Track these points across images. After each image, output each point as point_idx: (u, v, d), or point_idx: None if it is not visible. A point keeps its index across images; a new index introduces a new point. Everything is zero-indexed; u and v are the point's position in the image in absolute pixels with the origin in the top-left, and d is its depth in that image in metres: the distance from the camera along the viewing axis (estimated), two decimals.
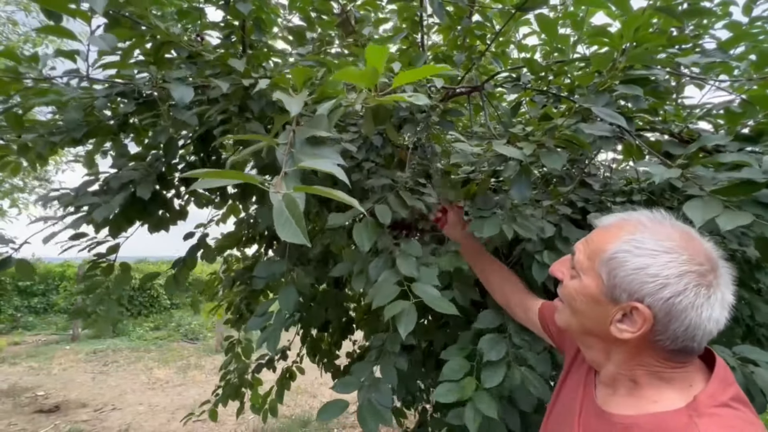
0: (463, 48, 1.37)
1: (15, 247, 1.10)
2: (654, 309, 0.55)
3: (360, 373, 1.18)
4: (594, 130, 0.84)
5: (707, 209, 0.74)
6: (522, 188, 0.94)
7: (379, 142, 1.30)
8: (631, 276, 0.57)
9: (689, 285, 0.54)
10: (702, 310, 0.54)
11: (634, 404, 0.60)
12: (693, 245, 0.57)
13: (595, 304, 0.62)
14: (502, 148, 0.88)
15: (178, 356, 6.96)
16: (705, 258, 0.56)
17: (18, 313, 8.88)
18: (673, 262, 0.55)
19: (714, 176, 0.82)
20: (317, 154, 0.62)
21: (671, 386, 0.58)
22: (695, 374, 0.59)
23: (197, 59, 1.30)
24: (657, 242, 0.57)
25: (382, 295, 0.94)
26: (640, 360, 0.60)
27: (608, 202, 1.49)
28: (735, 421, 0.52)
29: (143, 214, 1.50)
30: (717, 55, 0.92)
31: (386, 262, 1.06)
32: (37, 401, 4.84)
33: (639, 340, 0.58)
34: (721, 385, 0.56)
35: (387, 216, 1.02)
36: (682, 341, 0.56)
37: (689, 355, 0.58)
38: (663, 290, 0.54)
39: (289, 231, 0.51)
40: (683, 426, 0.52)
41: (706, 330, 0.55)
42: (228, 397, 2.18)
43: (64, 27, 0.93)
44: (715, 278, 0.56)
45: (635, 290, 0.56)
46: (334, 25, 1.44)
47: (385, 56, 0.55)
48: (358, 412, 1.09)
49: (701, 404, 0.53)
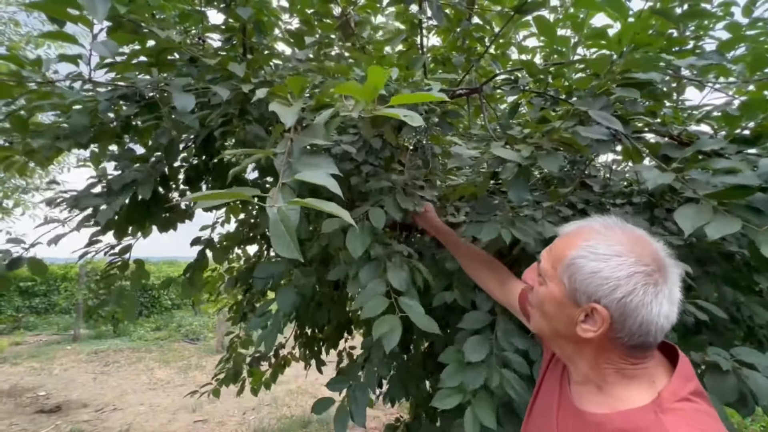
0: (462, 50, 1.38)
1: (26, 247, 1.11)
2: (610, 309, 0.59)
3: (351, 374, 1.25)
4: (591, 133, 0.84)
5: (698, 216, 0.75)
6: (520, 190, 0.94)
7: (378, 144, 1.31)
8: (588, 279, 0.61)
9: (638, 284, 0.58)
10: (651, 306, 0.58)
11: (605, 402, 0.64)
12: (640, 248, 0.61)
13: (561, 308, 0.66)
14: (500, 151, 0.88)
15: (178, 356, 6.98)
16: (651, 259, 0.60)
17: (19, 313, 8.91)
18: (622, 265, 0.59)
19: (709, 180, 0.83)
20: (314, 163, 0.62)
21: (636, 383, 0.62)
22: (657, 370, 0.63)
23: (198, 62, 1.31)
24: (608, 247, 0.61)
25: (370, 306, 0.99)
26: (606, 358, 0.64)
27: (608, 203, 1.49)
28: (694, 413, 0.57)
29: (147, 215, 1.52)
30: (713, 57, 0.92)
31: (377, 269, 1.08)
32: (38, 401, 4.86)
33: (601, 338, 0.62)
34: (682, 381, 0.60)
35: (381, 220, 1.03)
36: (639, 337, 0.60)
37: (647, 350, 0.63)
38: (616, 291, 0.59)
39: (283, 245, 0.52)
40: (650, 422, 0.56)
41: (658, 325, 0.59)
42: (229, 380, 2.28)
43: (66, 32, 0.94)
44: (661, 277, 0.60)
45: (592, 292, 0.61)
46: (334, 27, 1.44)
47: (386, 78, 0.56)
48: (336, 412, 1.16)
49: (665, 400, 0.58)
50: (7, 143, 1.41)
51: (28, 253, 1.12)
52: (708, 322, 1.47)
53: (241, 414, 4.57)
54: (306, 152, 0.65)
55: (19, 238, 1.10)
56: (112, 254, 1.53)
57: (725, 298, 1.52)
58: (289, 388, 5.27)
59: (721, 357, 1.14)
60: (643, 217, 1.39)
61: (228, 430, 4.20)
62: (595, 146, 0.96)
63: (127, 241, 1.55)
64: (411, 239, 1.71)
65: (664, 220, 1.48)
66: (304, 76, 0.67)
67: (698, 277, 1.52)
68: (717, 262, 1.55)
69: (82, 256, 1.31)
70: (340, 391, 1.23)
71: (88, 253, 1.35)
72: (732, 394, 1.07)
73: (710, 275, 1.53)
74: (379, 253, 1.14)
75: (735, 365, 1.10)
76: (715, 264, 1.54)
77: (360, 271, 1.11)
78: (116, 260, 1.56)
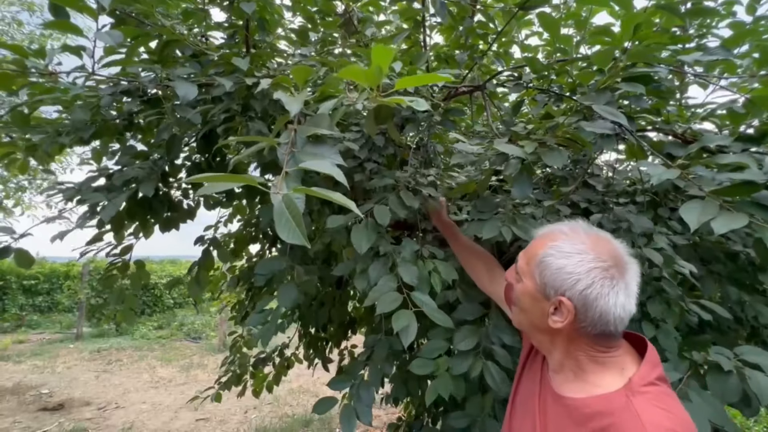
0: (466, 47, 1.37)
1: (15, 237, 1.11)
2: (573, 301, 0.67)
3: (353, 373, 1.25)
4: (595, 128, 0.83)
5: (704, 212, 0.74)
6: (523, 186, 0.94)
7: (381, 142, 1.30)
8: (554, 275, 0.69)
9: (596, 278, 0.66)
10: (609, 298, 0.66)
11: (581, 388, 0.70)
12: (600, 246, 0.69)
13: (534, 302, 0.74)
14: (504, 147, 0.88)
15: (180, 355, 6.99)
16: (609, 256, 0.68)
17: (23, 311, 8.94)
18: (582, 261, 0.67)
19: (714, 177, 0.82)
20: (318, 153, 0.62)
21: (608, 370, 0.69)
22: (625, 358, 0.71)
23: (201, 58, 1.31)
24: (572, 246, 0.70)
25: (384, 301, 0.99)
26: (576, 346, 0.72)
27: (611, 202, 1.49)
28: (659, 395, 0.64)
29: (148, 212, 1.51)
30: (719, 53, 0.92)
31: (386, 265, 1.08)
32: (41, 399, 4.88)
33: (569, 328, 0.70)
34: (649, 367, 0.67)
35: (386, 217, 1.03)
36: (600, 326, 0.67)
37: (611, 338, 0.70)
38: (577, 284, 0.67)
39: (288, 231, 0.52)
40: (622, 404, 0.63)
41: (616, 314, 0.66)
42: (231, 382, 2.27)
43: (71, 23, 0.94)
44: (617, 272, 0.67)
45: (558, 286, 0.69)
46: (337, 25, 1.44)
47: (391, 57, 0.55)
48: (341, 411, 1.15)
49: (634, 384, 0.65)
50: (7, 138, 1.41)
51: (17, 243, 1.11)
52: (712, 322, 1.46)
53: (243, 413, 4.57)
54: (310, 142, 0.65)
55: (8, 227, 1.10)
56: (112, 254, 1.52)
57: (730, 298, 1.51)
58: (291, 387, 5.28)
59: (723, 356, 1.13)
60: (646, 216, 1.39)
61: (229, 429, 4.20)
62: (600, 142, 0.95)
63: (128, 241, 1.54)
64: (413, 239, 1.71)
65: (668, 219, 1.47)
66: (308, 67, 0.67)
67: (702, 276, 1.51)
68: (721, 261, 1.54)
69: (83, 254, 1.31)
70: (341, 391, 1.23)
71: (89, 252, 1.34)
72: (734, 395, 1.06)
73: (714, 274, 1.52)
74: (388, 249, 1.14)
75: (738, 365, 1.09)
76: (720, 263, 1.53)
77: (369, 267, 1.12)
78: (117, 261, 1.55)
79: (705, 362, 1.17)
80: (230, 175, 0.52)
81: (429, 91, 1.21)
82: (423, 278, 1.06)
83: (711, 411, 1.05)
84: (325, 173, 0.55)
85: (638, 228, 1.33)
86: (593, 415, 0.64)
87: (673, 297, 1.32)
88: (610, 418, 0.62)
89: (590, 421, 0.64)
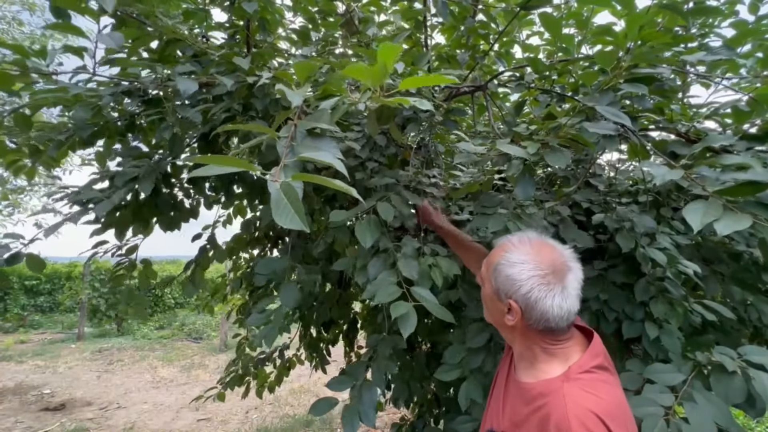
0: (467, 47, 1.37)
1: (24, 243, 1.11)
2: (519, 303, 0.78)
3: (354, 373, 1.23)
4: (598, 128, 0.83)
5: (707, 213, 0.74)
6: (526, 187, 0.94)
7: (383, 141, 1.30)
8: (504, 281, 0.80)
9: (534, 284, 0.77)
10: (546, 300, 0.76)
11: (533, 375, 0.81)
12: (541, 256, 0.79)
13: (493, 303, 0.85)
14: (507, 147, 0.87)
15: (182, 355, 7.00)
16: (547, 264, 0.78)
17: (25, 311, 8.96)
18: (523, 270, 0.78)
19: (718, 177, 0.81)
20: (317, 146, 0.62)
21: (556, 359, 0.79)
22: (573, 349, 0.80)
23: (202, 58, 1.31)
24: (517, 256, 0.80)
25: (383, 293, 0.97)
26: (530, 340, 0.82)
27: (613, 202, 1.48)
28: (591, 381, 0.73)
29: (154, 212, 1.52)
30: (723, 52, 0.91)
31: (386, 261, 1.07)
32: (43, 399, 4.88)
33: (520, 325, 0.81)
34: (589, 357, 0.77)
35: (390, 213, 1.02)
36: (542, 323, 0.77)
37: (556, 333, 0.79)
38: (520, 289, 0.78)
39: (287, 217, 0.51)
40: (556, 387, 0.73)
41: (554, 314, 0.76)
42: (234, 383, 2.27)
43: (72, 24, 0.94)
44: (554, 278, 0.77)
45: (507, 290, 0.80)
46: (338, 25, 1.44)
47: (397, 55, 0.54)
48: (344, 411, 1.13)
49: (571, 371, 0.75)
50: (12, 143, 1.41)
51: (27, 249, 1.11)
52: (715, 323, 1.45)
53: (244, 413, 4.57)
54: (309, 136, 0.64)
55: (17, 233, 1.10)
56: (119, 255, 1.53)
57: (733, 298, 1.50)
58: (292, 387, 5.28)
59: (727, 357, 1.12)
60: (649, 216, 1.38)
61: (231, 429, 4.20)
62: (602, 142, 0.94)
63: (134, 241, 1.55)
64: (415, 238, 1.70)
65: (670, 219, 1.47)
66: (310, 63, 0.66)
67: (706, 276, 1.50)
68: (724, 261, 1.53)
69: (91, 257, 1.31)
70: (341, 391, 1.20)
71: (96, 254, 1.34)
72: (739, 396, 1.06)
73: (717, 274, 1.51)
74: (388, 246, 1.14)
75: (742, 365, 1.08)
76: (723, 263, 1.53)
77: (369, 263, 1.10)
78: (124, 261, 1.56)
79: (709, 363, 1.16)
80: (229, 158, 0.51)
81: (430, 92, 1.21)
82: (423, 273, 1.05)
83: (716, 412, 1.04)
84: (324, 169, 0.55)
85: (641, 227, 1.32)
86: (536, 396, 0.75)
87: (676, 297, 1.31)
88: (545, 399, 0.73)
89: (533, 401, 0.75)
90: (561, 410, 0.69)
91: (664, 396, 1.10)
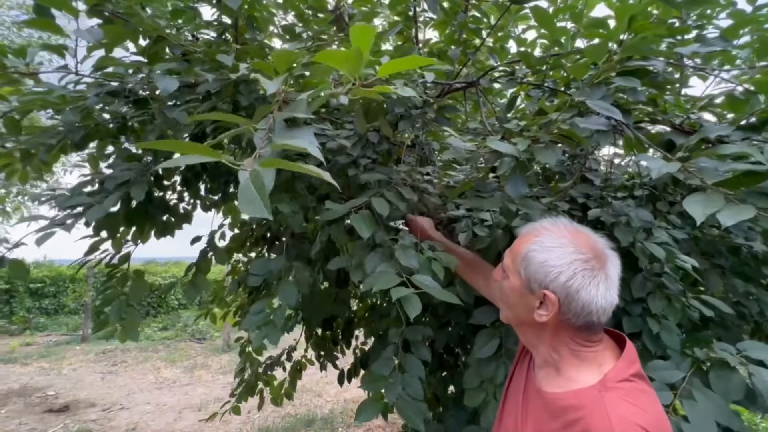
0: (459, 43, 1.35)
1: (8, 247, 1.10)
2: (557, 293, 0.69)
3: (382, 370, 1.14)
4: (589, 124, 0.81)
5: (708, 204, 0.72)
6: (518, 184, 0.92)
7: (375, 138, 1.29)
8: (538, 269, 0.71)
9: (577, 270, 0.68)
10: (590, 288, 0.67)
11: (560, 384, 0.72)
12: (579, 239, 0.71)
13: (520, 297, 0.75)
14: (496, 144, 0.86)
15: (185, 356, 7.02)
16: (588, 248, 0.70)
17: (30, 314, 9.01)
18: (563, 254, 0.69)
19: (716, 168, 0.79)
20: (294, 135, 0.60)
21: (586, 366, 0.71)
22: (604, 354, 0.72)
23: (190, 57, 1.29)
24: (553, 240, 0.72)
25: (382, 281, 0.93)
26: (560, 340, 0.73)
27: (609, 197, 1.46)
28: (631, 391, 0.65)
29: (146, 218, 1.49)
30: (718, 43, 0.89)
31: (384, 255, 1.05)
32: (47, 401, 4.91)
33: (554, 321, 0.71)
34: (626, 365, 0.69)
35: (385, 208, 1.00)
36: (583, 317, 0.68)
37: (594, 330, 0.71)
38: (560, 276, 0.68)
39: (252, 206, 0.49)
40: (594, 398, 0.64)
41: (598, 304, 0.67)
42: (246, 394, 2.25)
43: (51, 21, 0.93)
44: (597, 263, 0.69)
45: (542, 280, 0.70)
46: (328, 21, 1.42)
47: (371, 36, 0.52)
48: (399, 409, 1.06)
49: (608, 380, 0.66)
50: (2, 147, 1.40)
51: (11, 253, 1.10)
52: (716, 318, 1.43)
53: (246, 413, 4.58)
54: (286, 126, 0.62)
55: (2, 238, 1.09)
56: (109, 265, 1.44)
57: (736, 291, 1.48)
58: None
59: (727, 353, 1.11)
60: (645, 210, 1.36)
61: (233, 429, 4.22)
62: (596, 137, 0.93)
63: (127, 249, 1.48)
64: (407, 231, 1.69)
65: (667, 213, 1.45)
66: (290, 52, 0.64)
67: (706, 270, 1.49)
68: (724, 254, 1.51)
69: (83, 264, 1.29)
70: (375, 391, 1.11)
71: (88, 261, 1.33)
72: (739, 392, 1.04)
73: (717, 268, 1.49)
74: (385, 240, 1.10)
75: (742, 360, 1.06)
76: (722, 257, 1.51)
77: (366, 258, 1.07)
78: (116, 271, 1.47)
79: (708, 359, 1.15)
80: (195, 145, 0.49)
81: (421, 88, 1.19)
82: (423, 264, 1.00)
83: (716, 410, 1.03)
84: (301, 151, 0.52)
85: (638, 222, 1.31)
86: (567, 409, 0.66)
87: (674, 292, 1.29)
88: (580, 411, 0.64)
89: (564, 414, 0.66)
90: (603, 425, 0.60)
91: (662, 394, 1.08)
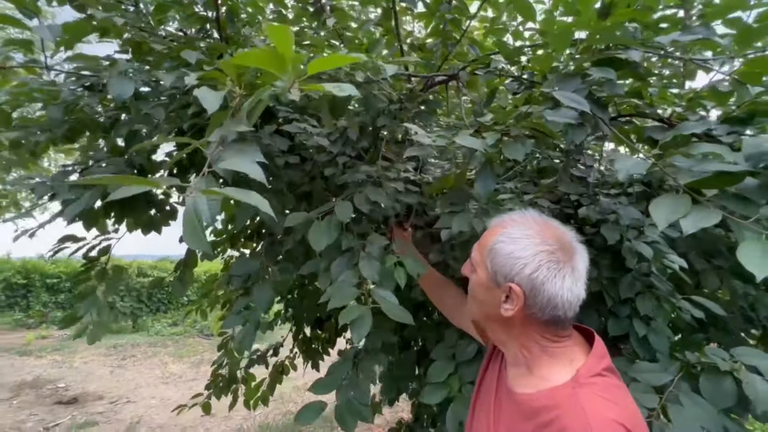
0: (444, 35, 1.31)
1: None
2: (522, 286, 0.66)
3: (339, 373, 1.16)
4: (558, 116, 0.77)
5: (673, 208, 0.68)
6: (486, 181, 0.88)
7: (353, 135, 1.26)
8: (503, 260, 0.69)
9: (542, 261, 0.66)
10: (555, 281, 0.65)
11: (533, 383, 0.69)
12: (547, 231, 0.69)
13: (487, 291, 0.73)
14: (463, 139, 0.83)
15: (192, 351, 7.13)
16: (555, 240, 0.68)
17: (46, 308, 9.27)
18: (529, 245, 0.67)
19: (692, 167, 0.75)
20: (241, 150, 0.59)
21: (557, 362, 0.69)
22: (575, 349, 0.70)
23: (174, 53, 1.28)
24: (520, 231, 0.70)
25: (339, 295, 0.93)
26: (528, 335, 0.71)
27: (602, 194, 1.41)
28: (605, 386, 0.64)
29: (128, 210, 1.48)
30: (701, 31, 0.84)
31: (349, 261, 1.03)
32: (57, 393, 5.04)
33: (520, 316, 0.69)
34: (596, 359, 0.67)
35: (347, 214, 0.99)
36: (549, 311, 0.66)
37: (561, 325, 0.69)
38: (525, 269, 0.66)
39: (192, 236, 0.49)
40: (568, 396, 0.62)
41: (564, 298, 0.65)
42: (220, 391, 2.15)
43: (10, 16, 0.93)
44: (563, 255, 0.67)
45: (507, 272, 0.68)
46: (309, 14, 1.40)
47: (289, 36, 0.50)
48: (337, 411, 1.07)
49: (581, 376, 0.64)
50: None
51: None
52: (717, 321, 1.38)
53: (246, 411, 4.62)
54: (236, 140, 0.61)
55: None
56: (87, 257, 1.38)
57: (736, 292, 1.42)
58: (296, 384, 5.30)
59: (719, 358, 1.06)
60: (638, 208, 1.31)
61: (234, 425, 4.26)
62: (571, 132, 0.89)
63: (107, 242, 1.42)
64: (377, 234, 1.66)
65: None
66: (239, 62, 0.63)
67: (704, 271, 1.43)
68: (723, 254, 1.45)
69: (55, 253, 1.30)
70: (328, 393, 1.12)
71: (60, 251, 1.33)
72: (729, 399, 1.00)
73: (716, 268, 1.43)
74: (353, 245, 1.09)
75: (734, 366, 1.02)
76: (722, 257, 1.44)
77: (332, 264, 1.07)
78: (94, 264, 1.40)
79: (698, 363, 1.10)
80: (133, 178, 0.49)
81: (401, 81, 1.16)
82: (386, 274, 1.00)
83: (704, 416, 0.99)
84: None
85: (627, 219, 1.26)
86: (539, 410, 0.64)
87: (663, 293, 1.24)
88: (555, 411, 0.62)
89: (536, 416, 0.64)
90: (580, 422, 0.58)
91: (647, 396, 1.05)
